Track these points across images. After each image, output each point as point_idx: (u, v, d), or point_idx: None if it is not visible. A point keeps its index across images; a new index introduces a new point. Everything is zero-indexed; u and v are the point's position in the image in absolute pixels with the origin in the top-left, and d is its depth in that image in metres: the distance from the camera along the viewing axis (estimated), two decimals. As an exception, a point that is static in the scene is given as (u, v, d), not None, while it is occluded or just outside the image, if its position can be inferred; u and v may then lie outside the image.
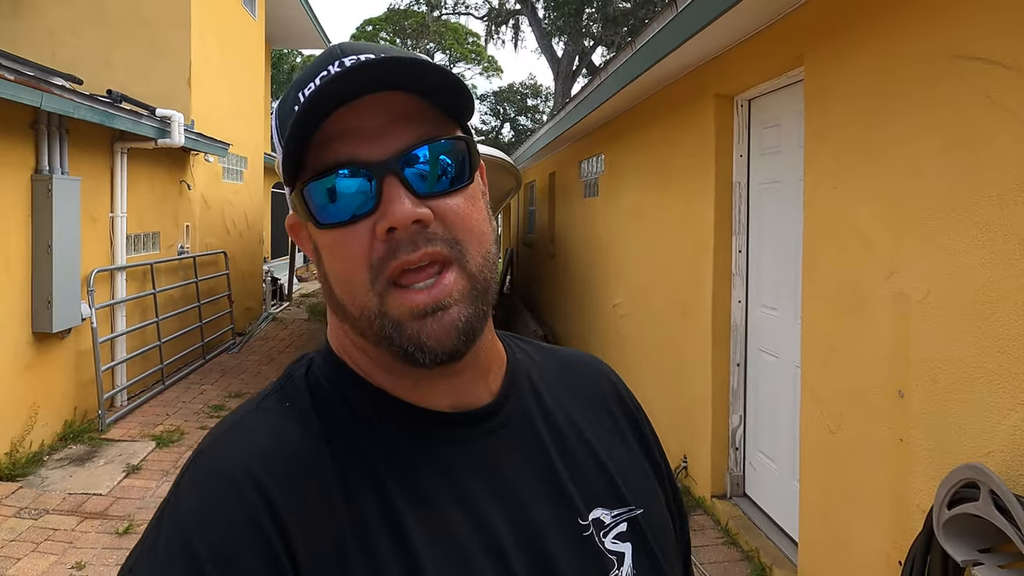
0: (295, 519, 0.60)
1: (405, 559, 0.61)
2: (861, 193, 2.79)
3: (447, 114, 0.67)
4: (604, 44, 22.32)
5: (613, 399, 0.85)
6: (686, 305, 4.71)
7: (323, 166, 0.63)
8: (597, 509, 0.72)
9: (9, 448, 5.10)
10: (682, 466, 4.66)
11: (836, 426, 2.92)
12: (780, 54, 3.49)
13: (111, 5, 8.09)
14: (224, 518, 0.59)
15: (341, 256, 0.64)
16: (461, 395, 0.70)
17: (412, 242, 0.62)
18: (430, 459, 0.67)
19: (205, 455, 0.65)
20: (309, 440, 0.65)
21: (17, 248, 5.21)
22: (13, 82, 4.57)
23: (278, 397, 0.69)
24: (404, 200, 0.61)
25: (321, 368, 0.71)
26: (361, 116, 0.63)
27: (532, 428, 0.74)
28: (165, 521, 0.61)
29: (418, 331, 0.62)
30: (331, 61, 0.65)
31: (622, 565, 0.70)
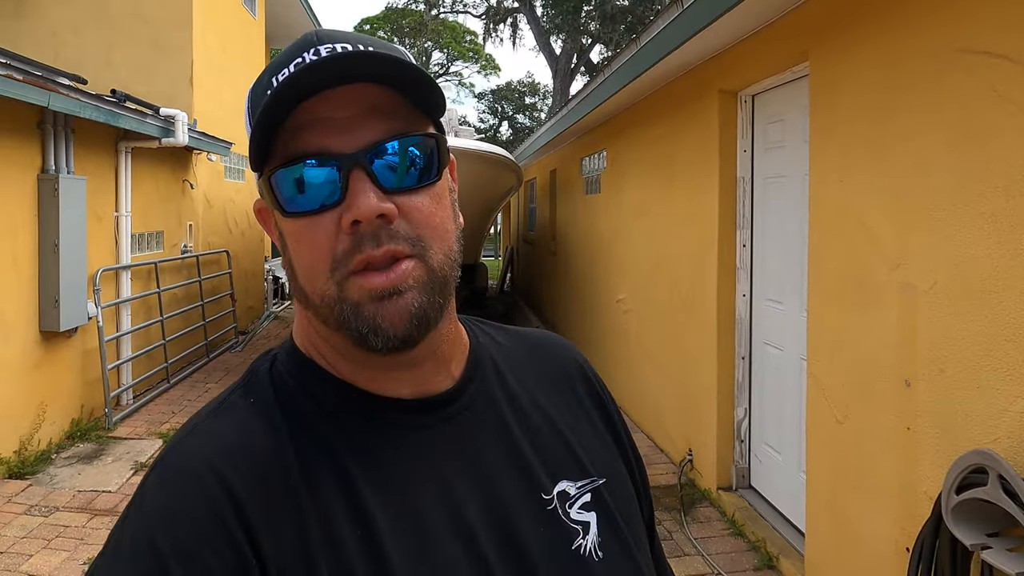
0: (259, 513, 0.61)
1: (371, 548, 0.62)
2: (867, 186, 2.83)
3: (420, 110, 0.68)
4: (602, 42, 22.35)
5: (579, 378, 0.87)
6: (690, 300, 4.75)
7: (292, 154, 0.64)
8: (562, 482, 0.74)
9: (18, 446, 5.13)
10: (687, 459, 4.70)
11: (843, 416, 2.96)
12: (784, 50, 3.53)
13: (113, 5, 8.11)
14: (188, 515, 0.60)
15: (305, 245, 0.65)
16: (422, 384, 0.72)
17: (375, 237, 0.63)
18: (393, 446, 0.68)
19: (170, 454, 0.66)
20: (273, 435, 0.66)
21: (24, 247, 5.23)
22: (21, 82, 4.59)
23: (242, 393, 0.71)
24: (370, 194, 0.62)
25: (284, 364, 0.73)
26: (333, 107, 0.63)
27: (496, 409, 0.76)
28: (130, 520, 0.62)
29: (374, 313, 0.63)
30: (307, 48, 0.65)
31: (588, 533, 0.73)
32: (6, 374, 5.02)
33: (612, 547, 0.73)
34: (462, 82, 36.26)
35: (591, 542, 0.72)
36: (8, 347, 5.05)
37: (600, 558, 0.72)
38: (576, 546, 0.72)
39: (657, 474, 4.87)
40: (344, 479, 0.65)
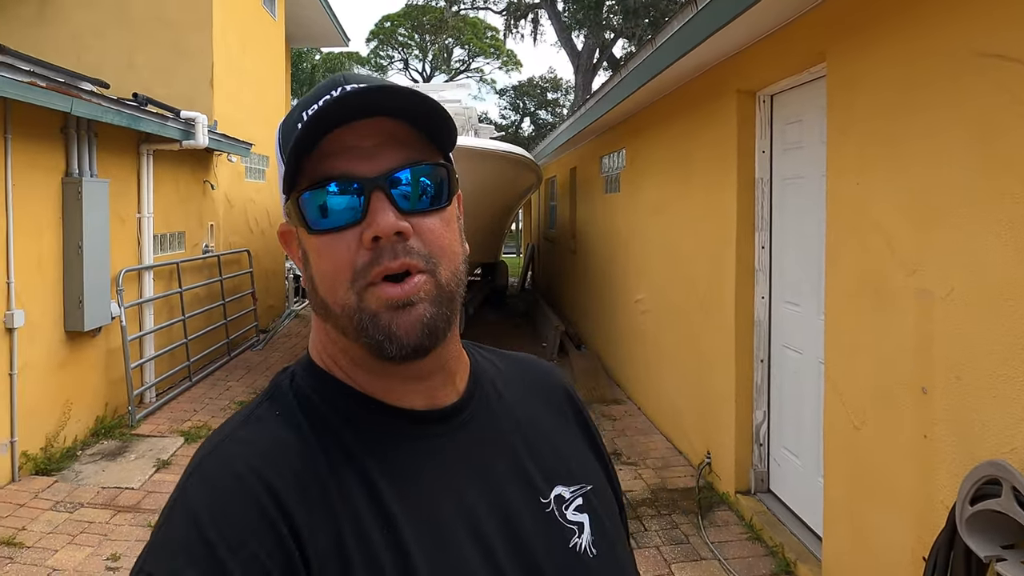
0: (299, 509, 0.65)
1: (395, 547, 0.67)
2: (884, 188, 2.79)
3: (432, 142, 0.75)
4: (625, 36, 22.17)
5: (565, 398, 0.95)
6: (708, 301, 4.71)
7: (319, 178, 0.70)
8: (558, 486, 0.81)
9: (44, 443, 5.23)
10: (706, 462, 4.67)
11: (860, 422, 2.92)
12: (802, 50, 3.48)
13: (134, 8, 8.20)
14: (234, 509, 0.64)
15: (328, 258, 0.71)
16: (432, 396, 0.78)
17: (392, 251, 0.69)
18: (409, 453, 0.74)
19: (208, 459, 0.70)
20: (303, 443, 0.71)
21: (49, 249, 5.32)
22: (44, 88, 4.67)
23: (268, 406, 0.76)
24: (389, 213, 0.69)
25: (303, 378, 0.78)
26: (357, 136, 0.71)
27: (496, 421, 0.82)
28: (176, 516, 0.65)
29: (389, 322, 0.69)
30: (334, 87, 0.72)
31: (582, 533, 0.79)
32: (33, 373, 5.11)
33: (603, 545, 0.80)
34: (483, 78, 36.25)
35: (586, 541, 0.79)
36: (34, 347, 5.14)
37: (594, 555, 0.79)
38: (573, 544, 0.78)
39: (675, 476, 4.85)
40: (367, 483, 0.70)
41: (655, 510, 4.32)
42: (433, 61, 34.84)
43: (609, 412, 6.46)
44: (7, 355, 4.87)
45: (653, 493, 4.57)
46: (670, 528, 4.09)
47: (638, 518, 4.22)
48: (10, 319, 4.83)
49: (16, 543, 4.00)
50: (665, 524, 4.14)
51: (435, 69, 34.76)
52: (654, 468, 5.02)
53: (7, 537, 4.05)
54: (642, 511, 4.31)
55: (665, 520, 4.19)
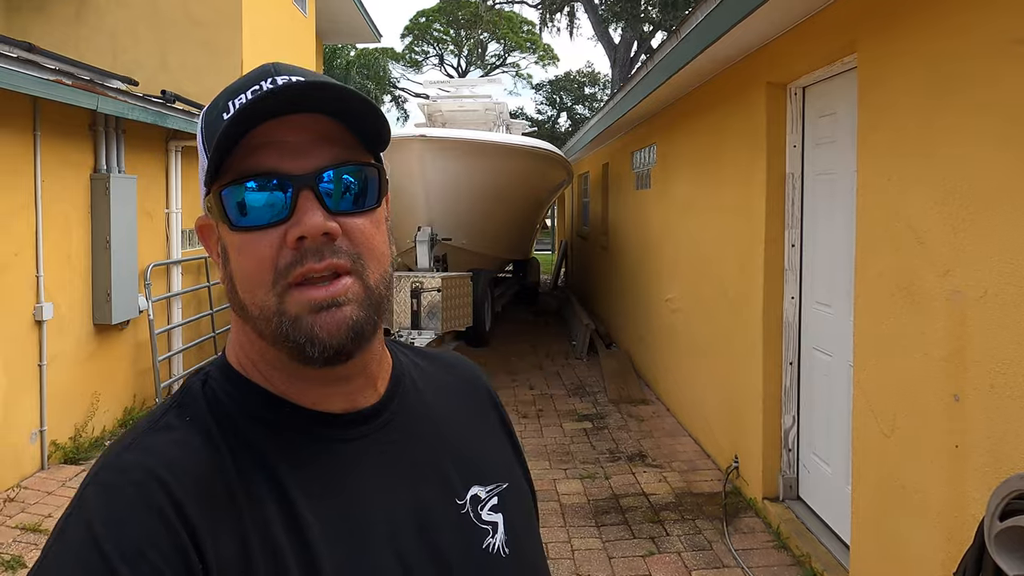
0: (201, 519, 0.62)
1: (304, 552, 0.66)
2: (916, 185, 2.64)
3: (364, 142, 0.73)
4: (664, 29, 21.80)
5: (484, 394, 0.95)
6: (737, 301, 4.57)
7: (244, 172, 0.67)
8: (474, 487, 0.81)
9: (73, 433, 5.32)
10: (733, 466, 4.53)
11: (890, 429, 2.78)
12: (833, 40, 3.33)
13: (166, 8, 8.29)
14: (133, 518, 0.61)
15: (248, 256, 0.68)
16: (352, 399, 0.76)
17: (318, 252, 0.66)
18: (325, 456, 0.72)
19: (107, 469, 0.66)
20: (210, 449, 0.68)
21: (78, 244, 5.39)
22: (71, 87, 4.72)
23: (177, 413, 0.72)
24: (317, 213, 0.66)
25: (217, 380, 0.75)
26: (286, 131, 0.68)
27: (415, 423, 0.81)
28: (71, 527, 0.61)
29: (312, 324, 0.66)
30: (264, 77, 0.70)
31: (496, 533, 0.79)
32: (62, 365, 5.19)
33: (515, 545, 0.80)
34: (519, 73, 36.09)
35: (499, 540, 0.79)
36: (63, 339, 5.22)
37: (507, 555, 0.79)
38: (486, 545, 0.78)
39: (701, 480, 4.71)
40: (279, 489, 0.68)
41: (678, 514, 4.20)
42: (468, 56, 34.80)
43: (637, 412, 6.34)
44: (37, 346, 4.95)
45: (677, 497, 4.44)
46: (693, 534, 3.97)
47: (660, 522, 4.11)
48: (39, 311, 4.91)
49: (43, 530, 4.09)
50: (688, 529, 4.02)
51: (470, 64, 34.71)
52: (680, 471, 4.89)
53: (34, 524, 4.14)
54: (665, 515, 4.19)
55: (688, 525, 4.06)
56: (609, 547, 3.86)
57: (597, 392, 7.05)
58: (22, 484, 4.69)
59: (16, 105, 4.64)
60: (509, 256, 10.61)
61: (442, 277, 7.03)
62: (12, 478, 4.69)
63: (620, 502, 4.41)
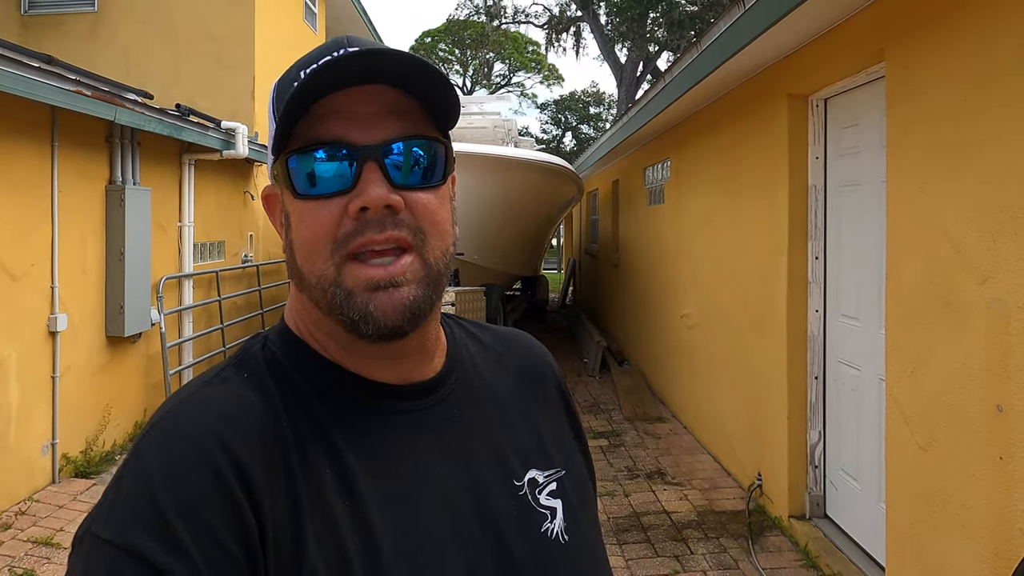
0: (258, 476, 0.62)
1: (358, 518, 0.65)
2: (951, 192, 2.60)
3: (432, 117, 0.72)
4: (670, 49, 21.89)
5: (548, 376, 0.92)
6: (759, 315, 4.51)
7: (311, 140, 0.67)
8: (532, 470, 0.78)
9: (84, 446, 5.26)
10: (756, 483, 4.45)
11: (926, 443, 2.71)
12: (858, 50, 3.30)
13: (180, 24, 8.34)
14: (188, 471, 0.60)
15: (309, 223, 0.68)
16: (408, 373, 0.75)
17: (380, 224, 0.66)
18: (380, 427, 0.71)
19: (165, 419, 0.65)
20: (268, 406, 0.67)
21: (93, 256, 5.36)
22: (90, 97, 4.71)
23: (236, 369, 0.71)
24: (380, 185, 0.66)
25: (276, 343, 0.75)
26: (354, 102, 0.67)
27: (473, 400, 0.79)
28: (126, 478, 0.61)
29: (367, 302, 0.66)
30: (336, 48, 0.69)
31: (555, 518, 0.77)
32: (74, 377, 5.14)
33: (575, 533, 0.78)
34: (524, 93, 36.31)
35: (558, 526, 0.77)
36: (76, 351, 5.17)
37: (566, 541, 0.76)
38: (545, 529, 0.76)
39: (723, 499, 4.63)
40: (333, 453, 0.67)
41: (702, 533, 4.11)
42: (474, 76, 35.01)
43: (653, 430, 6.26)
44: (50, 358, 4.91)
45: (700, 515, 4.36)
46: (718, 552, 3.88)
47: (684, 540, 4.02)
48: (53, 323, 4.88)
49: (54, 543, 4.04)
50: (713, 548, 3.93)
51: (476, 84, 34.90)
52: (700, 489, 4.81)
53: (45, 538, 4.09)
54: (688, 534, 4.11)
55: (713, 544, 3.98)
56: (633, 565, 3.78)
57: (612, 409, 6.97)
58: (34, 497, 4.63)
59: (35, 116, 4.64)
60: (519, 273, 10.56)
61: (455, 292, 6.98)
62: (24, 491, 4.62)
63: (641, 520, 4.33)
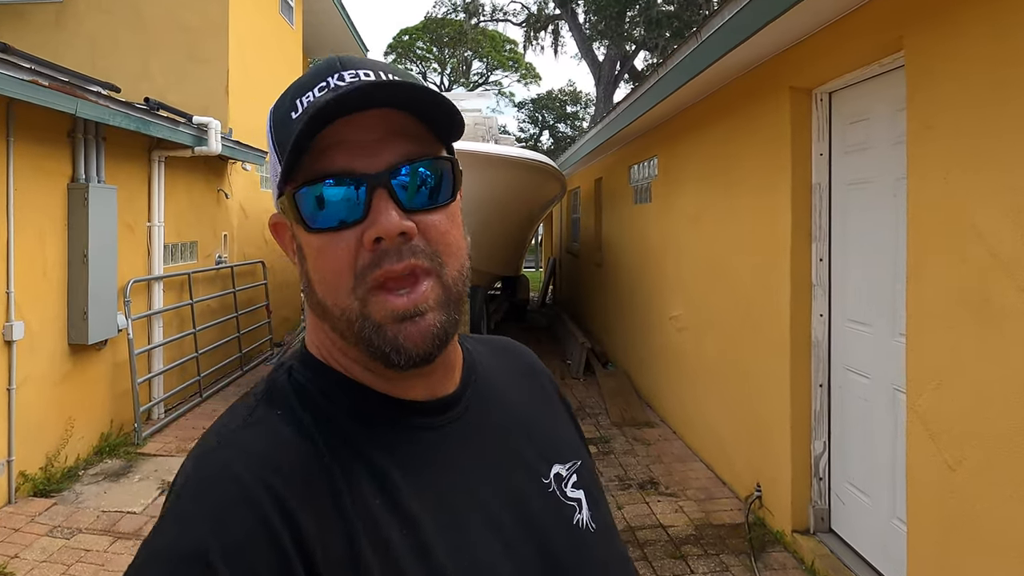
0: (307, 517, 0.60)
1: (418, 546, 0.63)
2: (984, 187, 2.41)
3: (436, 134, 0.71)
4: (647, 48, 21.82)
5: (541, 375, 0.94)
6: (757, 319, 4.32)
7: (318, 174, 0.66)
8: (555, 465, 0.80)
9: (44, 463, 4.94)
10: (755, 495, 4.26)
11: (956, 461, 2.52)
12: (872, 39, 3.11)
13: (149, 14, 8.01)
14: (237, 521, 0.58)
15: (327, 259, 0.67)
16: (432, 389, 0.75)
17: (397, 253, 0.65)
18: (416, 444, 0.71)
19: (205, 463, 0.64)
20: (307, 441, 0.66)
21: (53, 258, 5.05)
22: (47, 88, 4.40)
23: (267, 406, 0.70)
24: (392, 212, 0.65)
25: (301, 372, 0.73)
26: (357, 130, 0.66)
27: (491, 408, 0.80)
28: (169, 524, 0.60)
29: (396, 334, 0.66)
30: (330, 73, 0.68)
31: (581, 509, 0.79)
32: (33, 388, 4.83)
33: (599, 520, 0.80)
34: (502, 91, 36.05)
35: (585, 516, 0.79)
36: (35, 360, 4.85)
37: (594, 530, 0.78)
38: (575, 521, 0.78)
39: (720, 510, 4.43)
40: (379, 477, 0.66)
41: (701, 549, 3.92)
42: (452, 74, 34.70)
43: (642, 436, 6.06)
44: (5, 369, 4.59)
45: (698, 529, 4.16)
46: (720, 571, 3.68)
47: (683, 557, 3.82)
48: (9, 331, 4.56)
49: (7, 573, 3.74)
50: (714, 566, 3.73)
51: (453, 82, 34.59)
52: (696, 500, 4.61)
53: (0, 566, 3.76)
54: (687, 550, 3.91)
55: (713, 561, 3.78)
56: (631, 585, 3.56)
57: (598, 414, 6.77)
58: (-13, 519, 4.32)
59: (-13, 108, 4.33)
60: (501, 272, 10.34)
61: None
62: (-24, 513, 4.31)
63: (637, 535, 4.12)
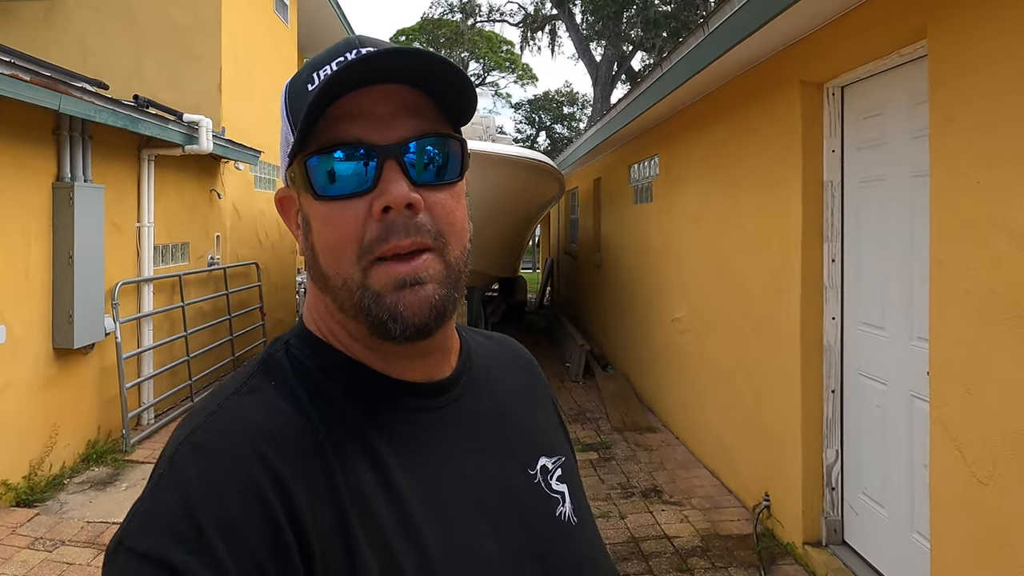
0: (298, 487, 0.60)
1: (405, 523, 0.64)
2: (1013, 180, 2.26)
3: (446, 115, 0.72)
4: (644, 49, 21.71)
5: (533, 372, 0.95)
6: (765, 322, 4.17)
7: (330, 142, 0.67)
8: (542, 458, 0.82)
9: (27, 471, 4.77)
10: (763, 505, 4.10)
11: (987, 475, 2.37)
12: (892, 28, 2.96)
13: (141, 10, 7.84)
14: (228, 487, 0.58)
15: (334, 227, 0.68)
16: (430, 371, 0.76)
17: (403, 228, 0.66)
18: (411, 425, 0.71)
19: (200, 430, 0.63)
20: (302, 417, 0.66)
21: (37, 259, 4.88)
22: (29, 83, 4.24)
23: (262, 377, 0.70)
24: (401, 183, 0.66)
25: (299, 347, 0.74)
26: (371, 102, 0.68)
27: (484, 396, 0.81)
28: (164, 487, 0.59)
29: (395, 301, 0.66)
30: (349, 49, 0.71)
31: (565, 502, 0.80)
32: (15, 393, 4.66)
33: (581, 514, 0.81)
34: (498, 92, 35.91)
35: (568, 509, 0.80)
36: (18, 365, 4.69)
37: (576, 523, 0.80)
38: (559, 513, 0.79)
39: (726, 520, 4.28)
40: (370, 454, 0.67)
41: (708, 561, 3.76)
42: (449, 74, 34.54)
43: (644, 441, 5.90)
44: (-14, 375, 4.43)
45: (704, 540, 4.01)
46: (729, 584, 3.53)
47: (689, 571, 3.66)
48: (-10, 335, 4.39)
49: (-13, 587, 3.57)
50: (722, 579, 3.58)
51: (451, 83, 34.44)
52: (701, 509, 4.46)
53: (-21, 580, 3.62)
54: (693, 563, 3.75)
55: (721, 574, 3.63)
56: (637, 601, 3.41)
57: (599, 418, 6.62)
58: (-34, 531, 4.15)
59: (-34, 104, 4.16)
60: (498, 273, 10.20)
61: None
62: (-46, 524, 4.14)
63: (641, 546, 3.96)
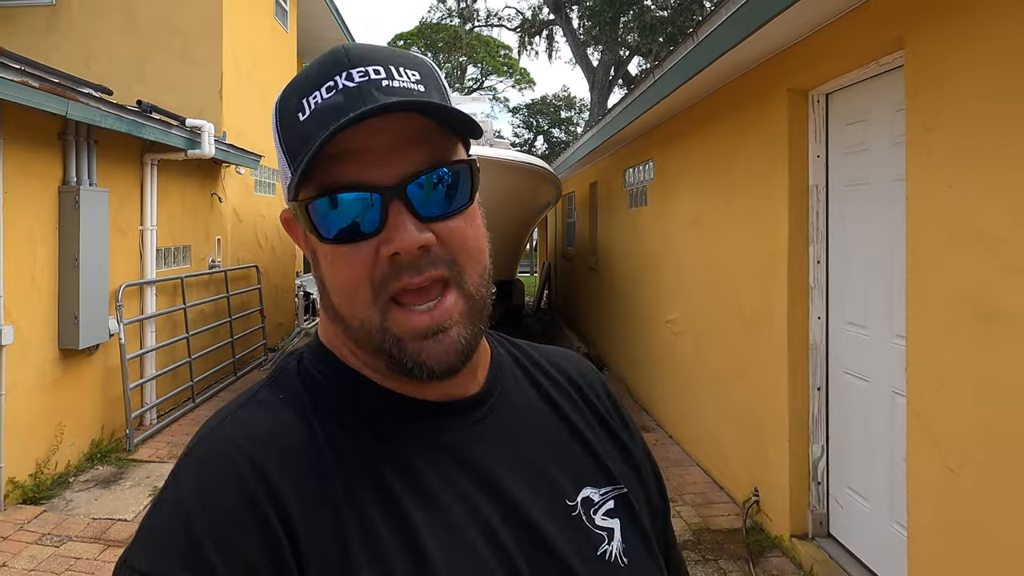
0: (294, 499, 0.60)
1: (405, 541, 0.62)
2: (989, 189, 2.38)
3: (450, 129, 0.67)
4: (641, 53, 21.87)
5: (599, 390, 0.88)
6: (755, 322, 4.29)
7: (329, 184, 0.64)
8: (586, 488, 0.75)
9: (34, 469, 4.87)
10: (753, 500, 4.23)
11: (958, 465, 2.49)
12: (871, 39, 3.09)
13: (143, 17, 7.96)
14: (224, 499, 0.59)
15: (343, 270, 0.66)
16: (451, 390, 0.72)
17: (415, 266, 0.63)
18: (423, 446, 0.68)
19: (202, 443, 0.65)
20: (306, 429, 0.65)
21: (43, 262, 4.99)
22: (38, 89, 4.35)
23: (271, 390, 0.70)
24: (409, 226, 0.63)
25: (312, 362, 0.73)
26: (368, 136, 0.63)
27: (517, 417, 0.76)
28: (165, 504, 0.61)
29: (418, 350, 0.64)
30: (337, 71, 0.65)
31: (612, 540, 0.73)
32: (22, 394, 4.76)
33: (636, 553, 0.74)
34: (496, 97, 36.09)
35: (616, 548, 0.73)
36: (25, 366, 4.79)
37: (625, 564, 0.73)
38: (602, 551, 0.72)
39: (718, 515, 4.40)
40: (376, 474, 0.65)
41: (699, 554, 3.88)
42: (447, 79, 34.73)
43: (638, 440, 6.01)
44: (-6, 375, 4.53)
45: (695, 534, 4.12)
46: (718, 576, 3.65)
47: (681, 563, 3.77)
48: (-2, 336, 4.50)
49: (-4, 581, 3.67)
50: (712, 571, 3.69)
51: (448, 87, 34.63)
52: (693, 505, 4.57)
53: (-13, 574, 3.72)
54: (685, 555, 3.87)
55: (711, 566, 3.74)
56: (629, 592, 3.52)
57: (594, 419, 6.72)
58: (-25, 527, 4.25)
59: (-24, 110, 4.28)
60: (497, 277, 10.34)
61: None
62: (-36, 520, 4.25)
63: (634, 540, 4.07)
